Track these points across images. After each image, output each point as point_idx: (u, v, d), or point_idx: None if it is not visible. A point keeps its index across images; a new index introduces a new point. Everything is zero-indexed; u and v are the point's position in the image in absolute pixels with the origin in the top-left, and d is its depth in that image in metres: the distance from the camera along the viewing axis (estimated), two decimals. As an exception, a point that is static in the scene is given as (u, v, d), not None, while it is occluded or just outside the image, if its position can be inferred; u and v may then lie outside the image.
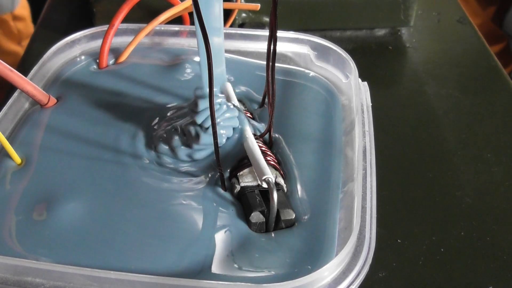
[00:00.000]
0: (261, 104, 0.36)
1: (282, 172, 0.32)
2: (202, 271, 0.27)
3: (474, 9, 0.97)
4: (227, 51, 0.40)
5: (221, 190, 0.31)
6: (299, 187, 0.31)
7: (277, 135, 0.34)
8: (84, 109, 0.36)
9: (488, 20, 0.99)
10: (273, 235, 0.29)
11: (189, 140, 0.32)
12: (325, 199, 0.30)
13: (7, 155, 0.32)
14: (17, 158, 0.32)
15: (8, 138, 0.32)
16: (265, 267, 0.27)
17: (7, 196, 0.30)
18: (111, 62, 0.40)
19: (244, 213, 0.30)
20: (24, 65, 0.37)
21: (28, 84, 0.34)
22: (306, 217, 0.29)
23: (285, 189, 0.31)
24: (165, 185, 0.31)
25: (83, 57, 0.40)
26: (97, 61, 0.40)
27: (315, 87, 0.39)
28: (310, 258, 0.27)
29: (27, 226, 0.28)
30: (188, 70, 0.39)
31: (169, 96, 0.37)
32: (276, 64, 0.31)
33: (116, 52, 0.40)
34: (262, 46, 0.40)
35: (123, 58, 0.40)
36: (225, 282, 0.25)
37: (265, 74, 0.32)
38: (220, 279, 0.26)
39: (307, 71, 0.40)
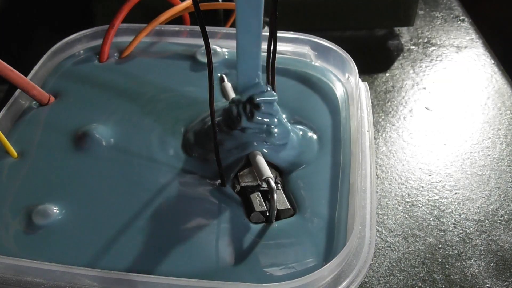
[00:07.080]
0: None
1: (282, 171, 0.32)
2: (204, 271, 0.27)
3: None
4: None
5: (224, 189, 0.31)
6: (300, 186, 0.31)
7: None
8: (83, 105, 0.36)
9: None
10: (275, 235, 0.29)
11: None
12: (327, 198, 0.30)
13: (4, 150, 0.32)
14: (13, 152, 0.32)
15: (7, 137, 0.32)
16: (268, 266, 0.27)
17: (3, 192, 0.30)
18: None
19: (244, 213, 0.30)
20: (24, 65, 0.37)
21: (28, 84, 0.34)
22: (307, 216, 0.29)
23: (286, 189, 0.31)
24: (166, 183, 0.31)
25: (81, 51, 0.40)
26: (97, 56, 0.40)
27: (320, 78, 0.38)
28: (313, 258, 0.27)
29: (23, 225, 0.28)
30: (191, 67, 0.39)
31: (171, 92, 0.37)
32: (278, 55, 0.30)
33: (115, 52, 0.40)
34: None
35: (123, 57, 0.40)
36: (226, 281, 0.25)
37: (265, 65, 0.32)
38: (221, 279, 0.26)
39: (308, 60, 0.40)
